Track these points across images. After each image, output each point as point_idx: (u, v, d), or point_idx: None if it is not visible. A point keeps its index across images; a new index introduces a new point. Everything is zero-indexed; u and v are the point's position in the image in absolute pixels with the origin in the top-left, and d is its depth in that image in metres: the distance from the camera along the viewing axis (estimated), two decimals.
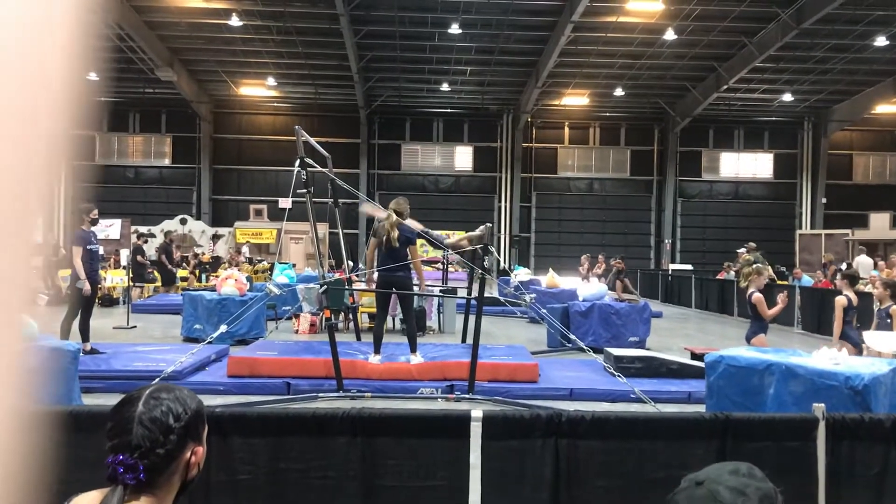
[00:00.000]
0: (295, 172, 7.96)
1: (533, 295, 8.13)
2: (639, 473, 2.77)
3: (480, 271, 8.14)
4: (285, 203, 33.71)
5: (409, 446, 2.77)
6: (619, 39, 25.65)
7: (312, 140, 8.68)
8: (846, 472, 2.79)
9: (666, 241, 34.35)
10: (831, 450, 2.80)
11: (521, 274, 18.82)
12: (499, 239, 33.05)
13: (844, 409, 4.38)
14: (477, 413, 2.77)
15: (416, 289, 9.04)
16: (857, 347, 7.88)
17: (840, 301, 8.17)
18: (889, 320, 7.85)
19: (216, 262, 23.70)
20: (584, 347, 7.43)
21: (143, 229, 27.03)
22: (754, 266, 7.86)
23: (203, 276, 20.57)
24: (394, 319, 13.70)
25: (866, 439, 2.81)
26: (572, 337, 7.72)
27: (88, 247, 9.39)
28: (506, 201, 34.54)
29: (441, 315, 14.27)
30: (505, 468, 2.77)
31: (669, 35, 24.36)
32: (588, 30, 24.48)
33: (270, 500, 2.71)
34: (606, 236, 33.37)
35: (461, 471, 2.75)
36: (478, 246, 9.10)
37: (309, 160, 8.10)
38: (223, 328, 7.46)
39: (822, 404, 2.83)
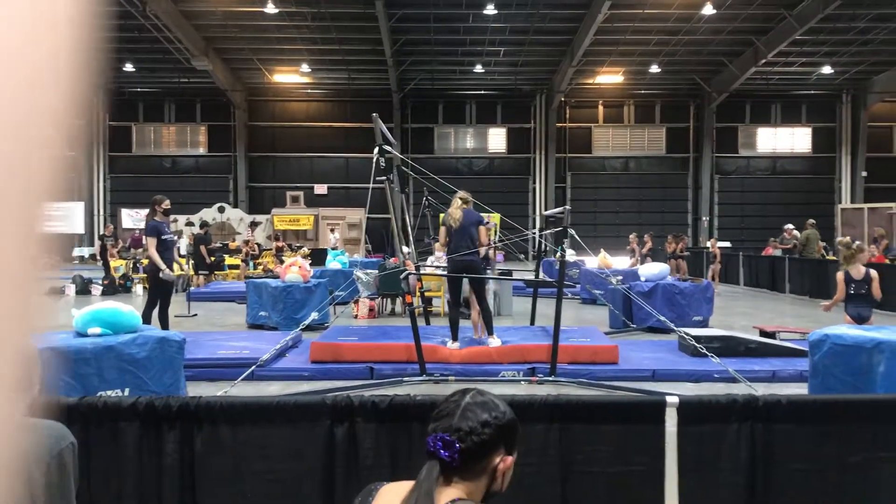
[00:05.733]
0: (374, 160, 7.99)
1: (620, 277, 8.11)
2: (835, 456, 2.78)
3: (560, 253, 8.14)
4: (321, 189, 33.94)
5: (604, 432, 2.79)
6: (655, 15, 25.37)
7: (384, 127, 8.68)
8: None
9: (703, 218, 34.07)
10: None
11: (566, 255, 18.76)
12: (533, 220, 32.93)
13: None
14: (672, 399, 2.78)
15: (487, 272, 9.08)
16: None
17: None
18: None
19: (259, 249, 23.86)
20: (674, 328, 7.41)
21: (187, 218, 27.34)
22: (856, 244, 7.78)
23: (251, 264, 20.72)
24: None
25: None
26: (661, 318, 7.68)
27: (162, 237, 9.48)
28: (540, 182, 34.41)
29: (497, 298, 14.28)
30: (701, 453, 2.79)
31: (707, 9, 24.05)
32: (625, 6, 24.23)
33: None
34: (643, 215, 33.15)
35: (657, 456, 2.77)
36: (557, 229, 9.09)
37: (387, 147, 8.11)
38: (314, 315, 7.52)
39: None
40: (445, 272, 9.46)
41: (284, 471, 2.71)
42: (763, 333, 10.60)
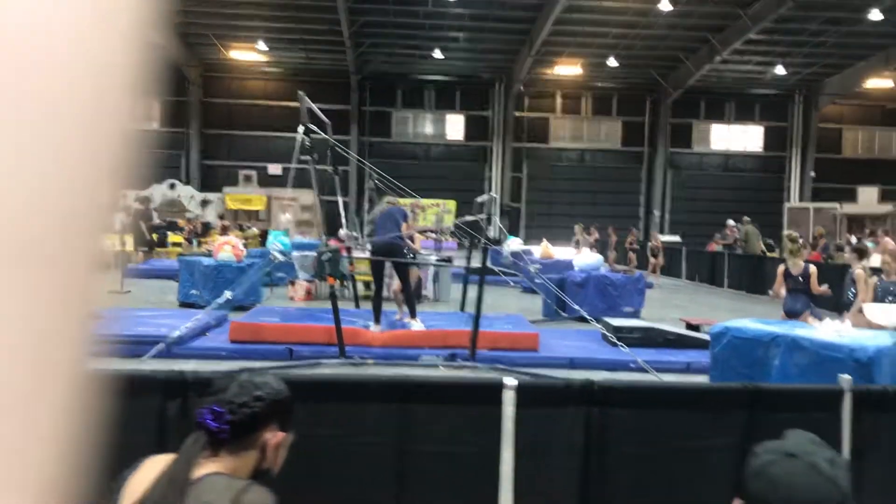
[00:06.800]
0: (298, 138, 7.91)
1: (538, 266, 8.18)
2: (668, 442, 2.83)
3: (484, 241, 8.18)
4: (275, 169, 33.56)
5: (442, 412, 2.80)
6: (614, 8, 25.49)
7: (314, 106, 8.61)
8: (871, 443, 2.86)
9: (655, 212, 34.45)
10: (856, 421, 2.86)
11: (514, 244, 18.79)
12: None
13: None
14: (510, 381, 2.80)
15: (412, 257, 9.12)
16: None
17: (861, 275, 8.03)
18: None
19: (206, 228, 23.57)
20: (588, 317, 7.49)
21: (136, 194, 26.79)
22: (801, 240, 7.92)
23: (195, 242, 20.45)
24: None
25: (891, 411, 2.88)
26: (576, 307, 7.77)
27: None
28: (497, 171, 34.46)
29: (436, 284, 14.30)
30: (537, 436, 2.81)
31: (665, 5, 24.21)
32: None
33: (306, 468, 2.74)
34: (597, 207, 33.34)
35: (494, 437, 2.79)
36: (481, 216, 9.13)
37: (312, 126, 8.04)
38: (228, 295, 7.44)
39: (849, 376, 2.89)
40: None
41: (115, 445, 2.67)
42: (689, 326, 10.78)
